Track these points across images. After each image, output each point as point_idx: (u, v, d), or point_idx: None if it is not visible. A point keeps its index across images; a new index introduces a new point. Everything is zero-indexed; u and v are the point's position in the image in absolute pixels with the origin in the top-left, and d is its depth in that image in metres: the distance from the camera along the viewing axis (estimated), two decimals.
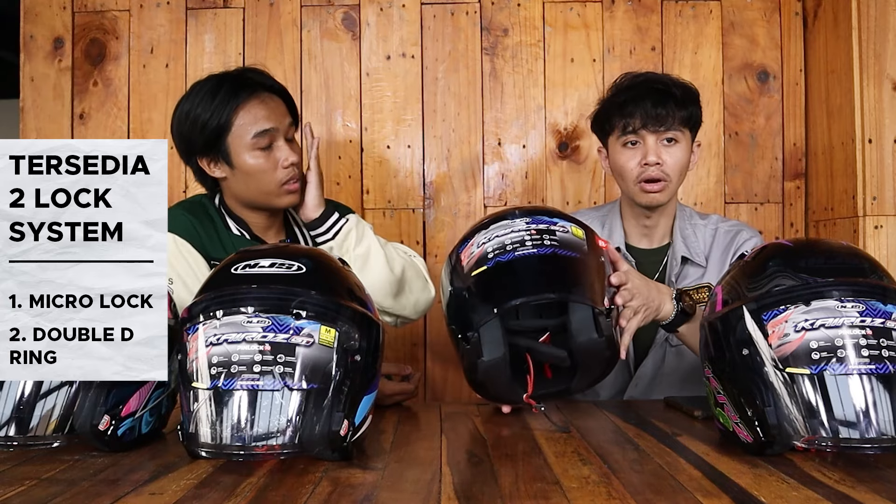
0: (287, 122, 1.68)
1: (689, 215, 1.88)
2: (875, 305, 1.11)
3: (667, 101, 1.73)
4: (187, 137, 1.65)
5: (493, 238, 1.38)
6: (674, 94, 1.74)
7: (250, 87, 1.65)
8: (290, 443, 1.08)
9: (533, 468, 1.10)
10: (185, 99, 1.68)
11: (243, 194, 1.68)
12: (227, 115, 1.62)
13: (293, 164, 1.65)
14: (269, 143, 1.63)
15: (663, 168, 1.74)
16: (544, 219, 1.41)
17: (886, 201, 2.04)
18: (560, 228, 1.39)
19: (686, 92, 1.77)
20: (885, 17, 2.05)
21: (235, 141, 1.63)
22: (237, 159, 1.63)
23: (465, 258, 1.40)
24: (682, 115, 1.74)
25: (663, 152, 1.74)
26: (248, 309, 1.12)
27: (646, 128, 1.74)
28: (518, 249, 1.35)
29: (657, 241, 1.86)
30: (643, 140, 1.74)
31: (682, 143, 1.76)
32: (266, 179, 1.64)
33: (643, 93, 1.75)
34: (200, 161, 1.67)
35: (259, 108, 1.64)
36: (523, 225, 1.39)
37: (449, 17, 2.39)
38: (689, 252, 1.81)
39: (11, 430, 1.16)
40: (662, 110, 1.73)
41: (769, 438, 1.11)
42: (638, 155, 1.75)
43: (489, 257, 1.36)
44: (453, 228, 2.38)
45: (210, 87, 1.65)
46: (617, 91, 1.80)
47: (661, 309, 1.56)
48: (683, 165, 1.77)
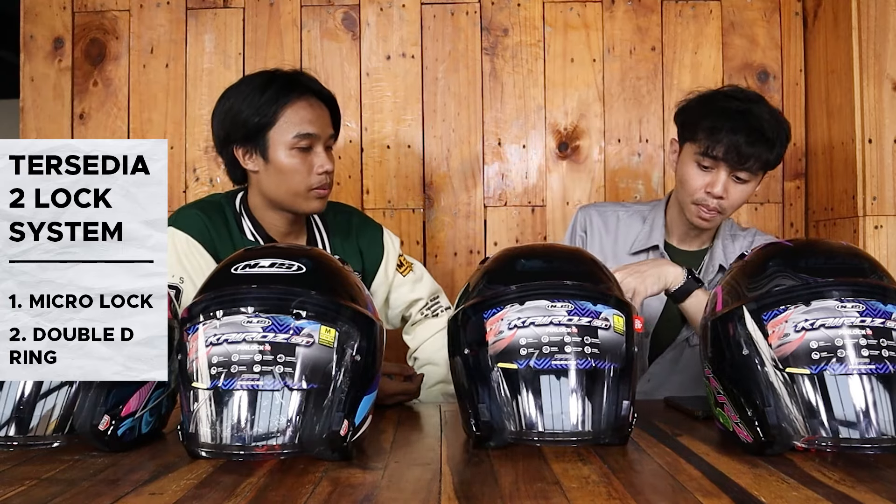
0: (329, 133, 1.70)
1: (730, 225, 1.90)
2: (875, 305, 1.11)
3: (756, 143, 1.67)
4: (229, 125, 1.66)
5: (529, 323, 1.18)
6: (767, 137, 1.67)
7: (302, 88, 1.67)
8: (290, 443, 1.08)
9: (533, 468, 1.09)
10: (233, 89, 1.69)
11: (271, 192, 1.68)
12: (274, 110, 1.63)
13: (327, 173, 1.67)
14: (308, 146, 1.65)
15: (723, 202, 1.72)
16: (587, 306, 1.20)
17: (886, 201, 2.04)
18: (603, 324, 1.19)
19: (780, 135, 1.70)
20: (885, 17, 2.05)
21: (276, 137, 1.63)
22: (274, 155, 1.64)
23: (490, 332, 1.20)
24: (767, 159, 1.69)
25: (731, 187, 1.71)
26: (248, 309, 1.12)
27: (726, 161, 1.69)
28: (556, 356, 1.16)
29: (697, 244, 1.88)
30: (717, 169, 1.70)
31: (753, 183, 1.73)
32: (297, 180, 1.65)
33: (738, 125, 1.67)
34: (236, 151, 1.67)
35: (306, 110, 1.65)
36: (564, 315, 1.18)
37: (449, 17, 2.39)
38: (725, 260, 1.82)
39: (11, 430, 1.16)
40: (750, 150, 1.67)
41: (769, 438, 1.11)
42: (707, 178, 1.72)
43: (521, 354, 1.17)
44: (453, 228, 2.38)
45: (262, 80, 1.66)
46: (717, 106, 1.72)
47: (664, 276, 1.57)
48: (744, 200, 1.76)
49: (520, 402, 1.15)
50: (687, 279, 1.60)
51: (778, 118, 1.73)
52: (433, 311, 1.90)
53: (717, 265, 1.82)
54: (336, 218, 1.83)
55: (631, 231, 1.90)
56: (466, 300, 1.25)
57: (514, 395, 1.15)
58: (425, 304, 1.90)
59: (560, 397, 1.14)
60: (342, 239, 1.81)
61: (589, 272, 1.26)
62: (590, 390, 1.14)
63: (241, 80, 1.71)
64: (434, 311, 1.90)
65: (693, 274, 1.62)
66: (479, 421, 1.16)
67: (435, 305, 1.90)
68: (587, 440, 1.15)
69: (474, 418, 1.17)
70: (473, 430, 1.17)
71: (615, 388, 1.15)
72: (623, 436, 1.16)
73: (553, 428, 1.13)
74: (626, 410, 1.15)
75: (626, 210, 1.95)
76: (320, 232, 1.80)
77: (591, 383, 1.15)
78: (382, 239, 1.86)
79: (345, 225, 1.84)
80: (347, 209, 1.91)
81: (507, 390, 1.15)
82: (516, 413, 1.14)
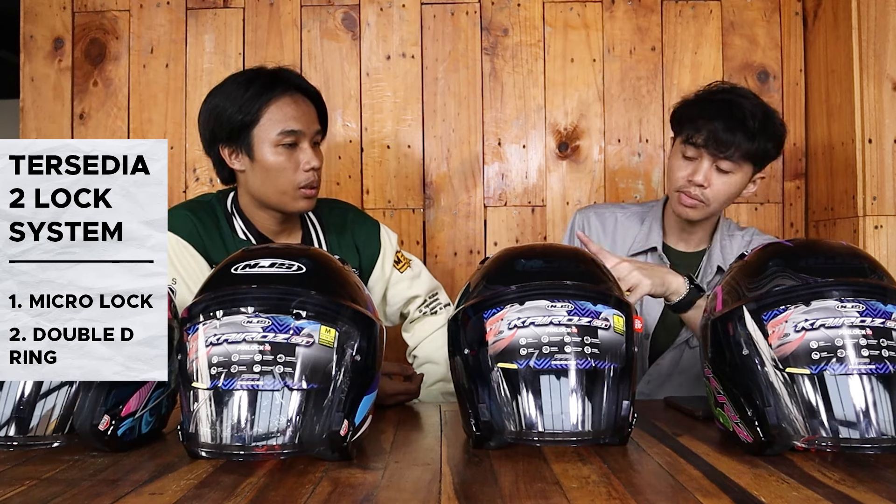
0: (315, 129, 1.68)
1: (728, 225, 1.89)
2: (875, 305, 1.11)
3: (736, 131, 1.67)
4: (213, 124, 1.65)
5: (529, 323, 1.18)
6: (747, 126, 1.67)
7: (284, 84, 1.65)
8: (290, 443, 1.08)
9: (533, 468, 1.10)
10: (218, 88, 1.68)
11: (259, 191, 1.67)
12: (257, 108, 1.61)
13: (314, 169, 1.65)
14: (293, 142, 1.63)
15: (705, 192, 1.72)
16: (587, 306, 1.20)
17: (886, 201, 2.04)
18: (603, 324, 1.19)
19: (765, 126, 1.69)
20: (885, 17, 2.05)
21: (260, 134, 1.62)
22: (259, 153, 1.63)
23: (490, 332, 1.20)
24: (748, 149, 1.68)
25: (714, 177, 1.71)
26: (248, 309, 1.12)
27: (706, 148, 1.69)
28: (556, 356, 1.16)
29: (694, 245, 1.87)
30: (700, 158, 1.71)
31: (737, 176, 1.71)
32: (284, 178, 1.63)
33: (717, 112, 1.68)
34: (222, 150, 1.66)
35: (290, 106, 1.64)
36: (564, 315, 1.19)
37: (449, 17, 2.39)
38: (724, 262, 1.81)
39: (11, 430, 1.16)
40: (730, 138, 1.67)
41: (769, 438, 1.11)
42: (690, 168, 1.72)
43: (521, 354, 1.17)
44: (453, 228, 2.38)
45: (245, 78, 1.66)
46: (703, 98, 1.75)
47: (668, 282, 1.57)
48: (730, 195, 1.74)
49: (520, 402, 1.14)
50: (689, 289, 1.59)
51: (766, 111, 1.72)
52: (432, 309, 1.89)
53: (716, 266, 1.82)
54: (332, 214, 1.82)
55: (629, 233, 1.90)
56: (466, 300, 1.25)
57: (514, 395, 1.15)
58: (423, 301, 1.89)
59: (560, 397, 1.14)
60: (338, 236, 1.80)
61: (589, 272, 1.26)
62: (590, 390, 1.14)
63: (226, 80, 1.69)
64: (433, 308, 1.89)
65: (694, 282, 1.61)
66: (478, 421, 1.16)
67: (434, 302, 1.89)
68: (587, 440, 1.15)
69: (474, 418, 1.17)
70: (473, 430, 1.18)
71: (615, 389, 1.15)
72: (623, 436, 1.16)
73: (553, 428, 1.13)
74: (626, 410, 1.15)
75: (624, 211, 1.95)
76: (316, 229, 1.79)
77: (590, 383, 1.15)
78: (379, 235, 1.85)
79: (340, 221, 1.83)
80: (343, 205, 1.90)
81: (506, 390, 1.15)
82: (516, 413, 1.14)
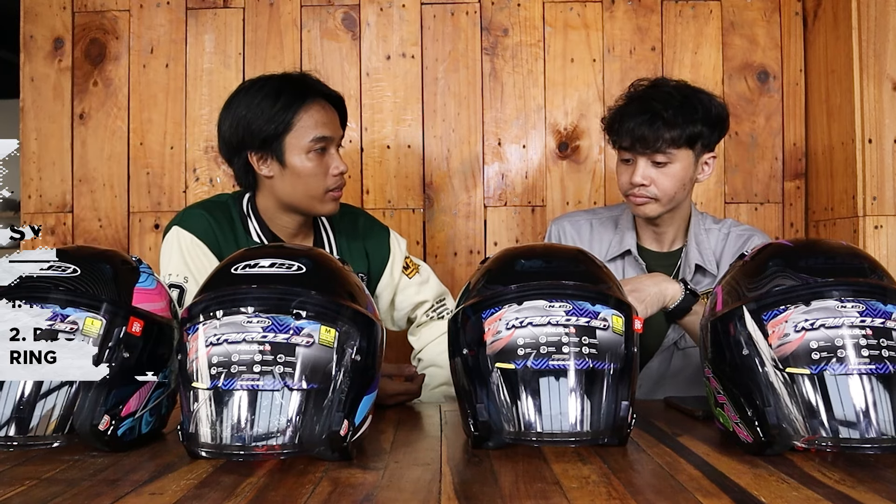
0: (340, 134, 1.72)
1: (703, 219, 1.88)
2: (875, 305, 1.11)
3: (654, 123, 1.68)
4: (243, 134, 1.65)
5: (527, 324, 1.17)
6: (663, 116, 1.67)
7: (313, 92, 1.68)
8: (290, 443, 1.08)
9: (533, 468, 1.10)
10: (241, 97, 1.68)
11: (287, 196, 1.68)
12: (289, 117, 1.63)
13: (342, 174, 1.69)
14: (323, 148, 1.66)
15: (650, 189, 1.72)
16: (586, 306, 1.19)
17: (886, 201, 2.04)
18: (601, 324, 1.18)
19: (682, 111, 1.69)
20: (885, 17, 2.05)
21: (293, 142, 1.64)
22: (290, 159, 1.65)
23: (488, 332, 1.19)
24: (673, 136, 1.68)
25: (654, 173, 1.71)
26: (248, 309, 1.12)
27: (634, 149, 1.71)
28: (553, 356, 1.15)
29: (668, 244, 1.86)
30: (634, 159, 1.72)
31: (677, 164, 1.71)
32: (314, 183, 1.66)
33: (633, 112, 1.70)
34: (251, 157, 1.67)
35: (320, 113, 1.67)
36: (562, 315, 1.18)
37: (449, 17, 2.39)
38: (702, 259, 1.81)
39: (11, 430, 1.16)
40: (650, 133, 1.68)
41: (769, 438, 1.11)
42: (629, 171, 1.74)
43: (519, 354, 1.16)
44: (453, 228, 2.38)
45: (272, 88, 1.66)
46: (618, 102, 1.77)
47: (663, 295, 1.56)
48: (678, 184, 1.73)
49: (518, 402, 1.14)
50: (685, 295, 1.58)
51: (684, 94, 1.71)
52: (439, 314, 1.90)
53: (694, 265, 1.81)
54: (343, 219, 1.84)
55: (604, 239, 1.90)
56: (466, 300, 1.25)
57: (513, 396, 1.15)
58: (431, 306, 1.90)
59: (559, 398, 1.14)
60: (349, 240, 1.82)
61: (588, 272, 1.25)
62: (588, 391, 1.14)
63: (249, 88, 1.69)
64: (440, 313, 1.90)
65: (689, 287, 1.60)
66: (477, 421, 1.16)
67: (441, 308, 1.91)
68: (585, 441, 1.15)
69: (472, 418, 1.17)
70: (472, 430, 1.18)
71: (614, 389, 1.15)
72: (622, 436, 1.16)
73: (551, 428, 1.13)
74: (625, 411, 1.15)
75: (598, 217, 1.94)
76: (327, 233, 1.81)
77: (589, 384, 1.14)
78: (389, 241, 1.87)
79: (351, 226, 1.85)
80: (354, 211, 1.92)
81: (505, 390, 1.15)
82: (514, 413, 1.14)
